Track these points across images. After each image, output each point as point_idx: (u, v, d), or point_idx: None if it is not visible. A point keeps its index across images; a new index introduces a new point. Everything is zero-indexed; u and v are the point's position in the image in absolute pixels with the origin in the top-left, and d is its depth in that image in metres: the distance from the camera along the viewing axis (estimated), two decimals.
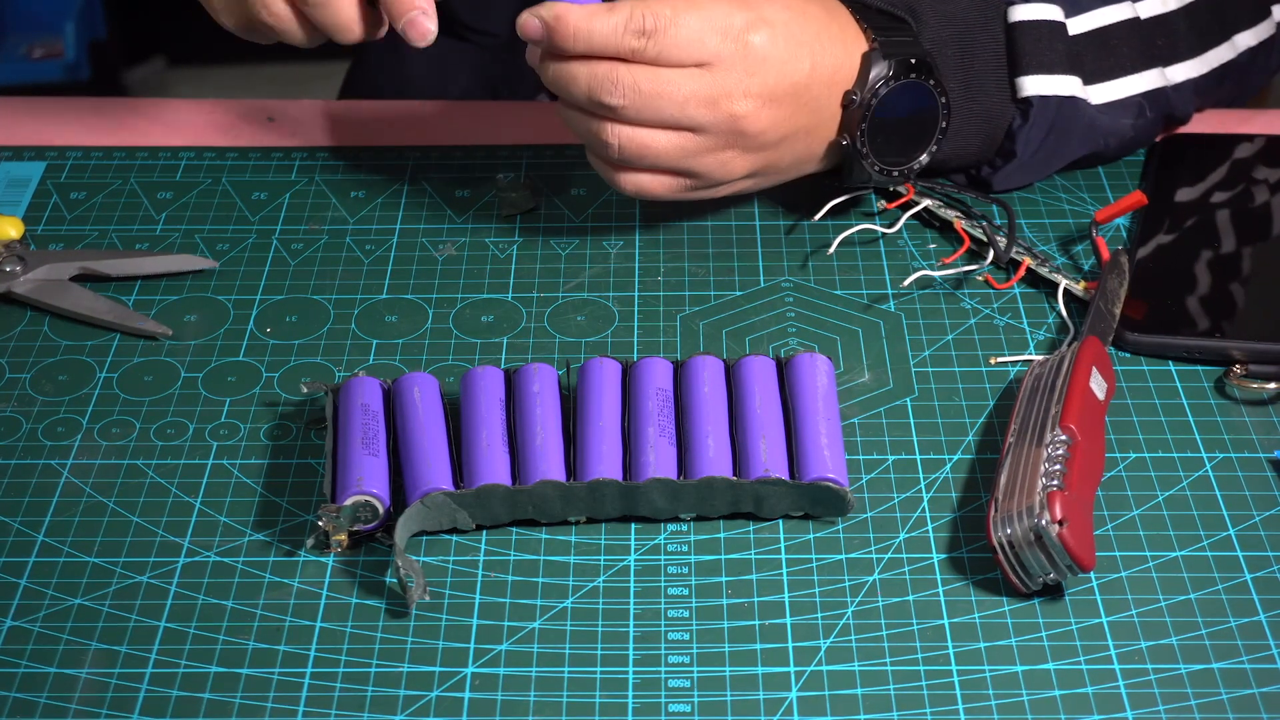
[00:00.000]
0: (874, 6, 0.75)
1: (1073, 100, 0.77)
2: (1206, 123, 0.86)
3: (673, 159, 0.71)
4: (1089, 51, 0.78)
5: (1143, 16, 0.80)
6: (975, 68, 0.76)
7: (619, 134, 0.71)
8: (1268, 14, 0.85)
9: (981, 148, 0.79)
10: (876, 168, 0.75)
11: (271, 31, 0.74)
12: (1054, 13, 0.77)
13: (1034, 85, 0.77)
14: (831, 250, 0.77)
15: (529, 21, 0.70)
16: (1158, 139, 0.85)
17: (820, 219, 0.79)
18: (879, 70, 0.73)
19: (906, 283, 0.76)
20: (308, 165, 0.85)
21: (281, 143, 0.88)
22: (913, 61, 0.73)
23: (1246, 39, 0.83)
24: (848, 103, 0.73)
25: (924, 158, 0.76)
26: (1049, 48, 0.77)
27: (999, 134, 0.78)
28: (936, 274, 0.76)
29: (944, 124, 0.76)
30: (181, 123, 0.90)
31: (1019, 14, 0.77)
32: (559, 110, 0.73)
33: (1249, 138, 0.85)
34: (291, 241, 0.80)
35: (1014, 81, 0.77)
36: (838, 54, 0.73)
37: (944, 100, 0.75)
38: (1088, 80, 0.78)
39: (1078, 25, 0.78)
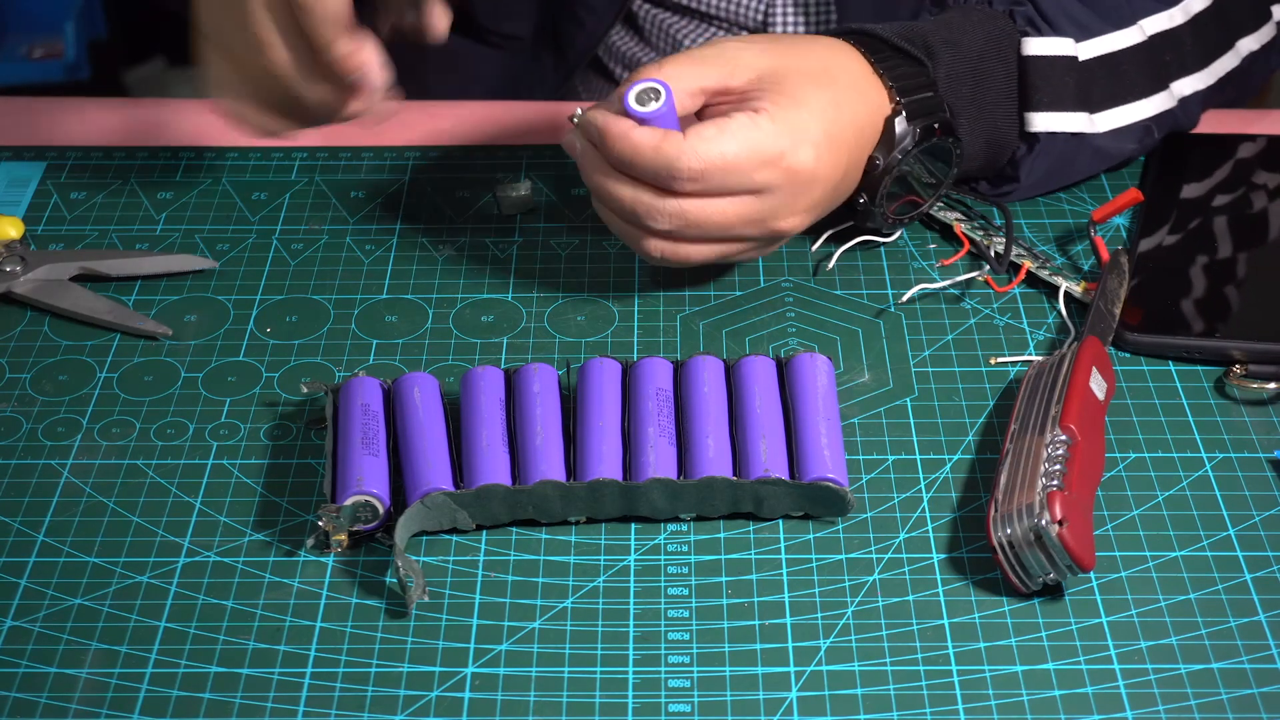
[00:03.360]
0: (889, 41, 0.74)
1: (1079, 136, 0.77)
2: (1206, 123, 0.86)
3: (748, 223, 0.70)
4: (1098, 79, 0.77)
5: (1149, 33, 0.79)
6: (987, 100, 0.76)
7: (660, 248, 0.70)
8: (1269, 16, 0.84)
9: (982, 168, 0.78)
10: (890, 220, 0.76)
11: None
12: (1066, 46, 0.76)
13: (1043, 122, 0.76)
14: (831, 264, 0.77)
15: (586, 120, 0.69)
16: None
17: (820, 246, 0.79)
18: (904, 132, 0.72)
19: (905, 298, 0.75)
20: (308, 165, 0.85)
21: (282, 143, 0.87)
22: (935, 126, 0.73)
23: (1249, 43, 0.83)
24: (871, 168, 0.73)
25: (938, 197, 0.77)
26: (1060, 83, 0.76)
27: (1002, 159, 0.78)
28: (936, 285, 0.76)
29: (954, 170, 0.76)
30: (181, 123, 0.89)
31: (1032, 48, 0.76)
32: (596, 206, 0.72)
33: (1249, 138, 0.85)
34: (291, 241, 0.80)
35: (1023, 115, 0.77)
36: (864, 121, 0.72)
37: (958, 153, 0.75)
38: (1095, 109, 0.77)
39: (1088, 50, 0.77)
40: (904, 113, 0.72)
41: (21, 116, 0.90)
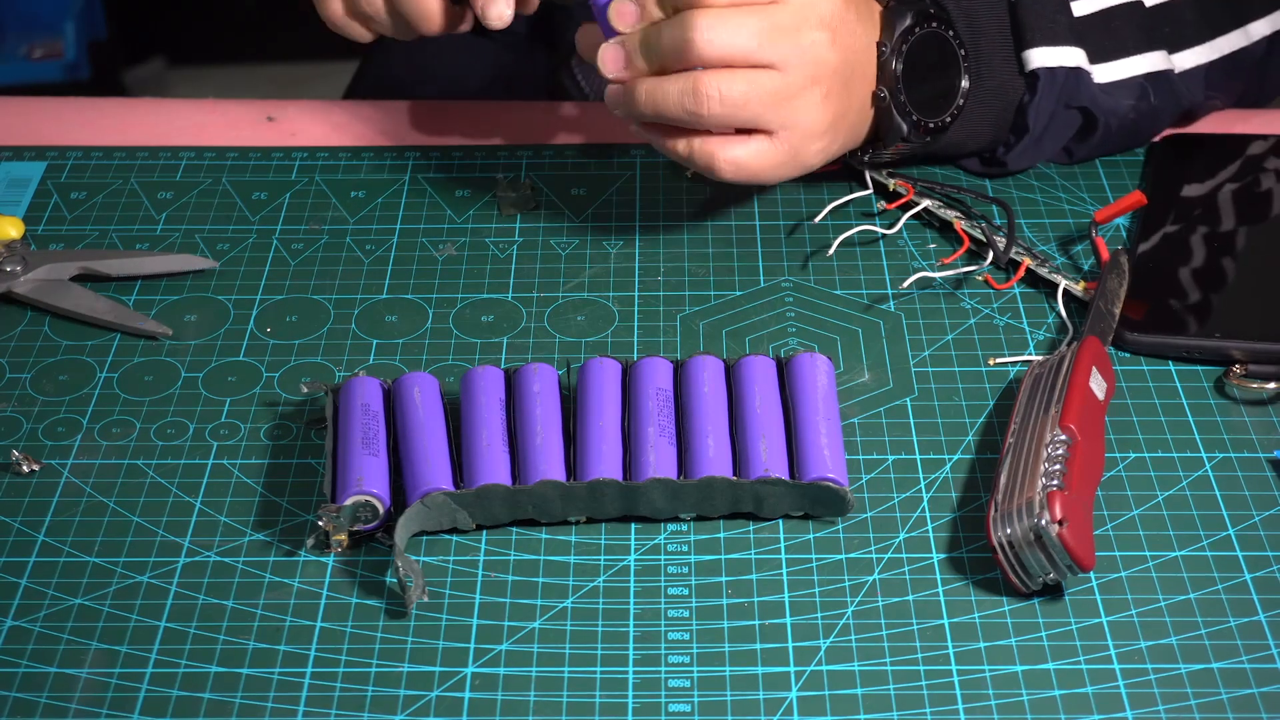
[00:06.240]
0: None
1: (1077, 72, 0.77)
2: (1206, 122, 0.86)
3: (768, 102, 0.70)
4: (1091, 32, 0.78)
5: (1148, 3, 0.80)
6: (983, 45, 0.77)
7: (717, 84, 0.69)
8: None
9: (995, 128, 0.79)
10: (914, 117, 0.76)
11: (369, 22, 0.79)
12: None
13: (1040, 58, 0.77)
14: (831, 251, 0.77)
15: (622, 8, 0.71)
16: (1156, 139, 0.85)
17: (820, 220, 0.79)
18: (902, 22, 0.75)
19: (906, 284, 0.76)
20: (308, 165, 0.85)
21: (281, 143, 0.88)
22: (931, 10, 0.75)
23: (1261, 27, 0.83)
24: (880, 54, 0.75)
25: (960, 89, 0.77)
26: (1052, 20, 0.77)
27: (1010, 111, 0.78)
28: (936, 275, 0.77)
29: (965, 81, 0.77)
30: (181, 123, 0.90)
31: None
32: (649, 94, 0.71)
33: (1249, 137, 0.85)
34: (291, 241, 0.80)
35: (1020, 56, 0.78)
36: (864, 10, 0.74)
37: (963, 52, 0.76)
38: (1091, 59, 0.79)
39: (1080, 7, 0.79)
40: (897, 6, 0.75)
41: (21, 116, 0.90)
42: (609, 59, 0.72)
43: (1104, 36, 0.79)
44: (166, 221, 0.82)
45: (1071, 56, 0.77)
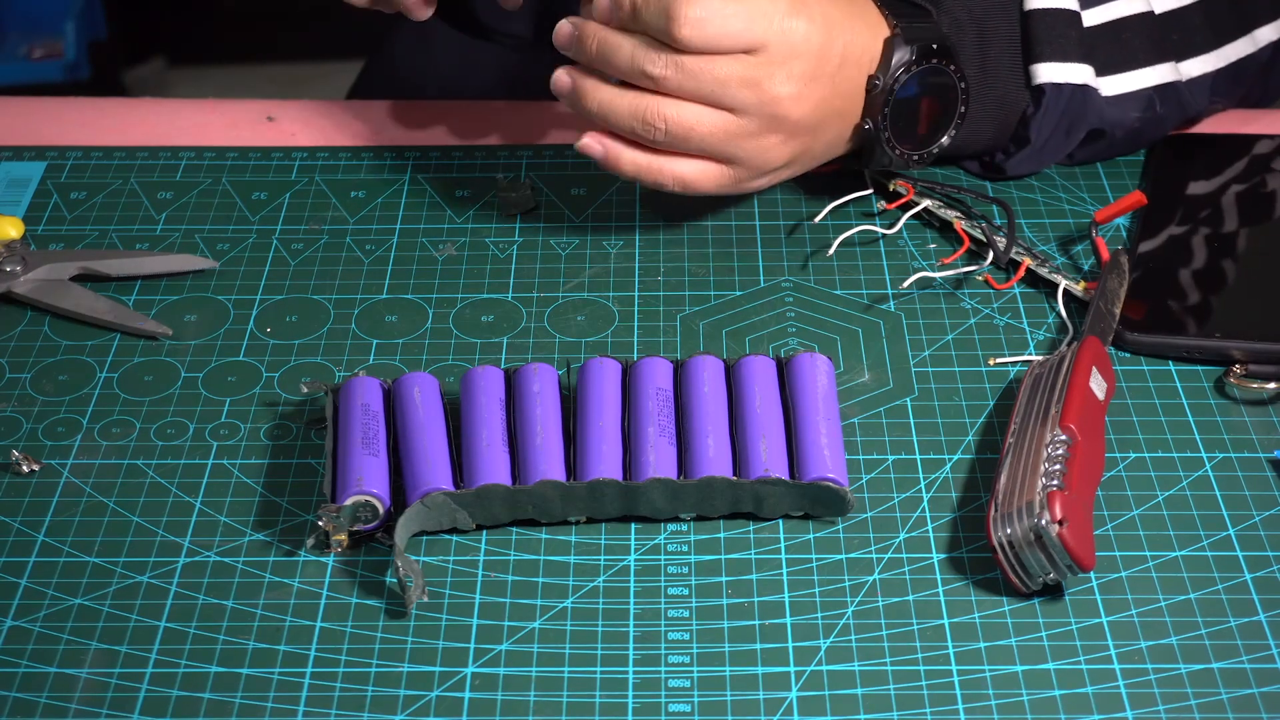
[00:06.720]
0: None
1: (1084, 89, 0.77)
2: (1207, 122, 0.86)
3: (716, 141, 0.72)
4: (1102, 44, 0.78)
5: (1157, 10, 0.80)
6: (991, 54, 0.77)
7: (665, 114, 0.71)
8: None
9: (995, 135, 0.79)
10: (896, 151, 0.76)
11: None
12: (1070, 1, 0.78)
13: (1048, 73, 0.77)
14: (831, 251, 0.77)
15: (560, 29, 0.73)
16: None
17: (820, 220, 0.79)
18: (901, 55, 0.74)
19: (906, 284, 0.76)
20: (308, 165, 0.85)
21: (281, 143, 0.88)
22: (934, 46, 0.74)
23: (1267, 33, 0.83)
24: (871, 87, 0.74)
25: (944, 140, 0.77)
26: (1063, 35, 0.77)
27: (1012, 121, 0.78)
28: (936, 275, 0.77)
29: (962, 109, 0.76)
30: (181, 123, 0.89)
31: (1035, 2, 0.77)
32: (597, 103, 0.73)
33: (1249, 137, 0.85)
34: (291, 241, 0.80)
35: (1028, 69, 0.77)
36: (865, 38, 0.74)
37: (963, 85, 0.76)
38: (1100, 72, 0.78)
39: (1092, 17, 0.78)
40: (901, 35, 0.74)
41: (21, 116, 0.90)
42: (559, 82, 0.74)
43: (1114, 49, 0.79)
44: (166, 221, 0.82)
45: (1080, 74, 0.77)
